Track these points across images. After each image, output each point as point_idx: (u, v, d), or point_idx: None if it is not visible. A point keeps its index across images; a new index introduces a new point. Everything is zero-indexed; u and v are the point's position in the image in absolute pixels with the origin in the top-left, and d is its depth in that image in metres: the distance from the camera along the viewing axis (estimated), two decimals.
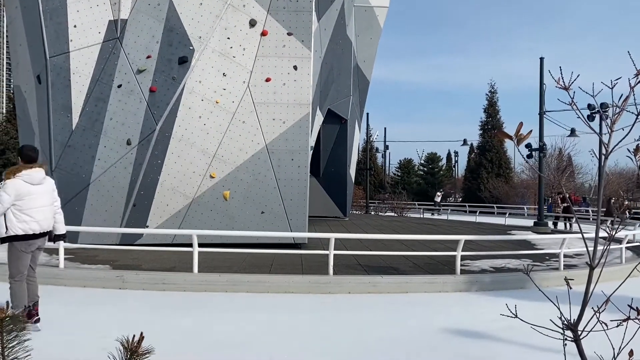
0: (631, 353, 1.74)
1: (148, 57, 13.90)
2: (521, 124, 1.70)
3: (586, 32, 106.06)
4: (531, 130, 1.69)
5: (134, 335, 1.81)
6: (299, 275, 9.23)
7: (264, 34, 14.43)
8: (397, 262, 11.55)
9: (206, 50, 14.15)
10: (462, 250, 10.72)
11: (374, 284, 8.89)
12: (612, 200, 18.10)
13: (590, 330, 1.72)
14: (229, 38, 14.32)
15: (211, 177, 13.92)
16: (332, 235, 9.54)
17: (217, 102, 14.06)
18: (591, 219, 26.72)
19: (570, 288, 1.72)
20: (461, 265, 10.32)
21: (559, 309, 1.76)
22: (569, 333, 1.80)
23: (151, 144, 13.70)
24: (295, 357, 5.45)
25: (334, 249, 9.60)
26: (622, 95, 1.80)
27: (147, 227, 13.37)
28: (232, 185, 13.91)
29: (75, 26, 13.94)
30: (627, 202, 18.63)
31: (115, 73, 13.80)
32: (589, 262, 1.73)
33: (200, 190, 13.86)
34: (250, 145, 14.08)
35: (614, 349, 1.78)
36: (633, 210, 30.15)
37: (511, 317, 2.00)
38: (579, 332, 1.71)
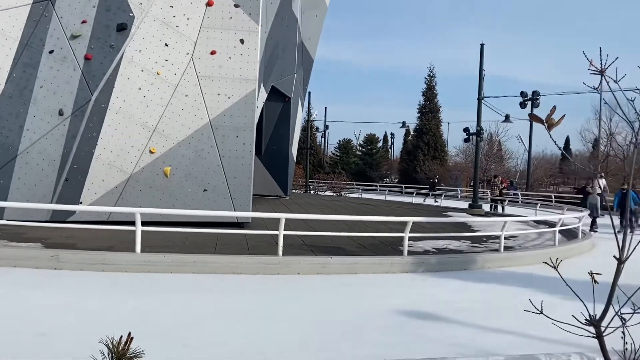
0: None
1: (83, 22, 12.97)
2: (554, 108, 1.58)
3: (524, 24, 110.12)
4: (564, 115, 1.58)
5: (120, 336, 1.57)
6: (247, 256, 8.99)
7: (209, 4, 13.83)
8: (343, 243, 11.56)
9: (147, 18, 13.38)
10: (403, 232, 10.85)
11: (323, 265, 8.81)
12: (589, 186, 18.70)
13: (614, 328, 1.64)
14: (172, 6, 13.61)
15: (151, 152, 13.28)
16: (283, 216, 9.35)
17: (158, 74, 13.38)
18: (520, 201, 28.01)
19: (597, 283, 1.63)
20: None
21: (586, 307, 1.66)
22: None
23: (86, 115, 12.87)
24: (251, 340, 5.27)
25: (276, 229, 9.39)
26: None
27: (81, 203, 12.62)
28: (173, 161, 13.35)
29: None
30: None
31: (46, 38, 12.79)
32: (618, 256, 1.65)
33: (139, 165, 13.21)
34: (193, 120, 13.54)
35: (633, 343, 1.72)
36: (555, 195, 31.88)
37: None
38: (602, 329, 1.63)
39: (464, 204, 26.21)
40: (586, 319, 1.65)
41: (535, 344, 5.57)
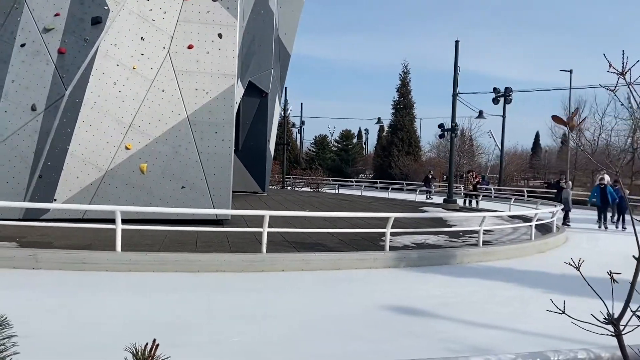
0: None
1: (56, 14, 12.61)
2: (577, 110, 1.61)
3: (497, 21, 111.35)
4: (585, 118, 1.61)
5: (146, 343, 1.53)
6: (230, 254, 8.92)
7: None
8: (323, 239, 11.58)
9: (123, 12, 13.10)
10: (381, 228, 10.95)
11: (307, 261, 8.81)
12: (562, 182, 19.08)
13: (635, 327, 1.68)
14: (148, 0, 13.34)
15: (127, 148, 13.06)
16: (267, 213, 9.31)
17: (134, 68, 13.13)
18: (493, 196, 28.51)
19: (616, 282, 1.66)
20: (384, 241, 10.50)
21: (605, 304, 1.69)
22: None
23: (59, 110, 12.55)
24: (243, 339, 5.24)
25: (259, 226, 9.38)
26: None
27: (55, 200, 12.33)
28: (149, 157, 13.13)
29: None
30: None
31: (17, 31, 12.40)
32: (637, 256, 1.68)
33: (115, 162, 12.97)
34: (170, 115, 13.34)
35: None
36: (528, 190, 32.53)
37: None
38: (621, 328, 1.67)
39: (439, 199, 26.54)
40: (605, 318, 1.69)
41: (519, 338, 5.69)
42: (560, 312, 1.74)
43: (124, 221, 9.56)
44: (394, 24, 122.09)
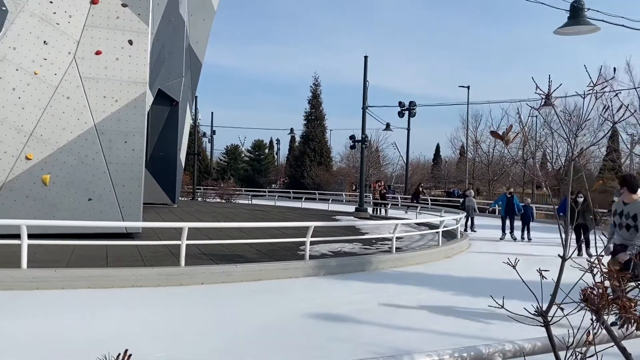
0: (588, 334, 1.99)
1: None
2: (511, 126, 1.83)
3: (393, 37, 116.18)
4: (518, 133, 1.83)
5: (118, 354, 1.52)
6: (147, 268, 8.60)
7: (94, 2, 13.04)
8: (241, 250, 11.52)
9: (23, 13, 12.30)
10: (298, 237, 11.13)
11: (228, 273, 8.72)
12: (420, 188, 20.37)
13: (560, 317, 1.92)
14: (51, 2, 12.64)
15: (27, 158, 12.24)
16: (186, 225, 9.10)
17: (35, 73, 12.36)
18: (400, 204, 29.77)
19: (545, 278, 1.89)
20: (302, 250, 10.67)
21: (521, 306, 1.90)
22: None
23: None
24: (170, 353, 5.11)
25: (170, 239, 9.17)
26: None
27: None
28: (53, 168, 12.40)
29: None
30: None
31: None
32: (562, 255, 1.93)
33: (13, 173, 12.11)
34: (76, 124, 12.69)
35: (574, 333, 2.01)
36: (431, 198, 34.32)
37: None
38: (549, 318, 1.90)
39: (350, 208, 27.25)
40: (535, 310, 1.91)
41: (436, 338, 6.04)
42: (500, 306, 1.94)
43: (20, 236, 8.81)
44: (304, 37, 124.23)
